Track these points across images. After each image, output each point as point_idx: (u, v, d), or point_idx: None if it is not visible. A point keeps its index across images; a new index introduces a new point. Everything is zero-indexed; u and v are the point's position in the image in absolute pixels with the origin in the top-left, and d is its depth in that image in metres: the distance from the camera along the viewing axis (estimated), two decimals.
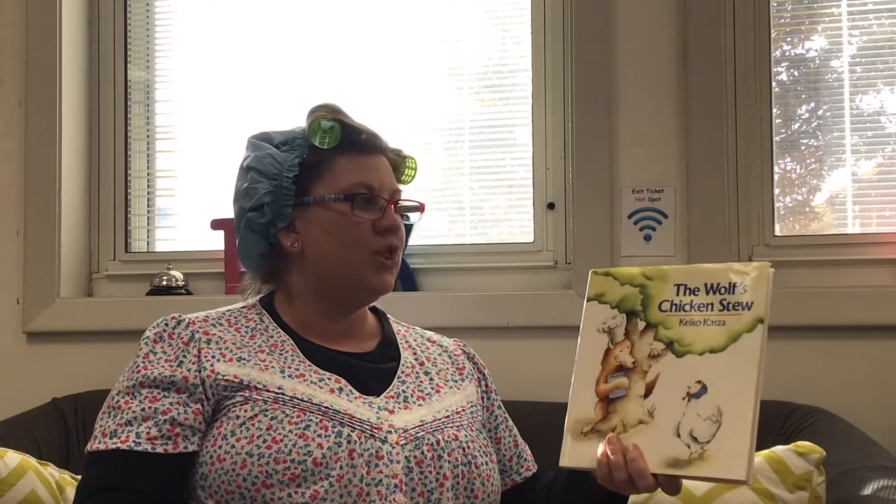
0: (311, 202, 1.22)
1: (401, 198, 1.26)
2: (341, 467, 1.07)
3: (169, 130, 2.47)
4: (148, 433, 1.09)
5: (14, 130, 2.33)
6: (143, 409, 1.10)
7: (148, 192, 2.47)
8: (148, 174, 2.47)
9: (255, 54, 2.40)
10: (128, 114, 2.45)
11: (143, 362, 1.15)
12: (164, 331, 1.17)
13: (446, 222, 2.32)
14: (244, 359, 1.16)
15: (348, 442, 1.09)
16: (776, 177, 2.14)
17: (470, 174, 2.32)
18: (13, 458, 1.61)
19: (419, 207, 1.30)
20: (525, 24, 2.27)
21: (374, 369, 1.22)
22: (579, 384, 1.10)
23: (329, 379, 1.16)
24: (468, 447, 1.18)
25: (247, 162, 1.25)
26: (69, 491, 1.65)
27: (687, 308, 1.07)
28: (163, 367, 1.14)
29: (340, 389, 1.16)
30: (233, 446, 1.08)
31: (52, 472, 1.67)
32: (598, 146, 2.11)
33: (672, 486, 1.04)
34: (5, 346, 2.31)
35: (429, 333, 1.38)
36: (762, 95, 2.13)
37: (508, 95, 2.31)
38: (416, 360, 1.28)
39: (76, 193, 2.37)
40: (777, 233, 2.13)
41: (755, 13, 2.14)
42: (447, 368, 1.30)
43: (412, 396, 1.21)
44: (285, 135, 1.26)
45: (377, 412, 1.15)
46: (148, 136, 2.47)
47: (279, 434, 1.07)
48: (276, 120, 1.39)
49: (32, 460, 1.65)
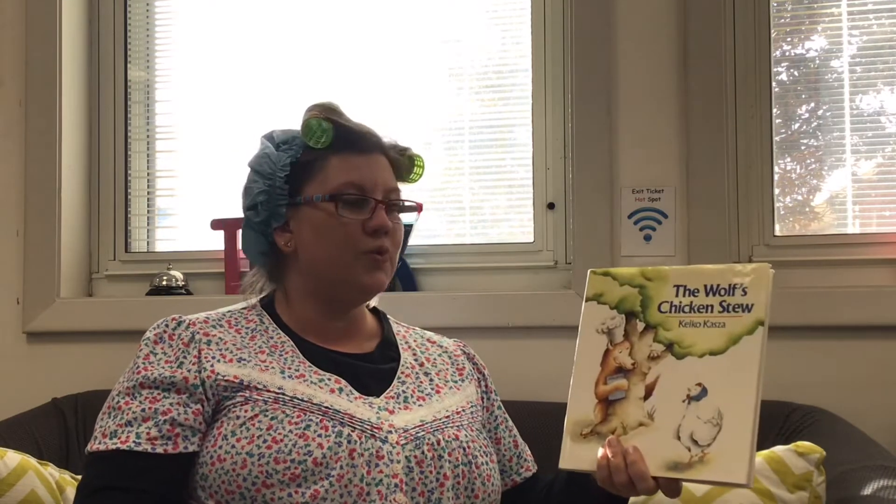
0: (302, 202, 1.22)
1: (398, 198, 1.25)
2: (341, 467, 1.07)
3: (169, 130, 2.47)
4: (148, 433, 1.09)
5: (14, 130, 2.33)
6: (143, 410, 1.10)
7: (148, 192, 2.47)
8: (148, 174, 2.47)
9: (255, 54, 2.40)
10: (128, 114, 2.45)
11: (144, 363, 1.15)
12: (165, 332, 1.17)
13: (446, 222, 2.32)
14: (244, 359, 1.16)
15: (348, 442, 1.09)
16: (776, 177, 2.14)
17: (470, 174, 2.32)
18: (13, 458, 1.61)
19: (416, 207, 1.28)
20: (525, 24, 2.27)
21: (373, 370, 1.22)
22: (578, 386, 1.10)
23: (329, 379, 1.16)
24: (468, 447, 1.18)
25: (250, 160, 1.27)
26: (69, 491, 1.65)
27: (687, 309, 1.06)
28: (163, 367, 1.14)
29: (340, 390, 1.16)
30: (233, 446, 1.08)
31: (52, 472, 1.67)
32: (598, 146, 2.11)
33: (672, 488, 1.04)
34: (5, 346, 2.31)
35: (429, 334, 1.38)
36: (762, 95, 2.13)
37: (508, 95, 2.31)
38: (415, 360, 1.28)
39: (76, 193, 2.37)
40: (777, 233, 2.13)
41: (755, 13, 2.14)
42: (447, 369, 1.30)
43: (412, 397, 1.21)
44: (287, 134, 1.26)
45: (377, 412, 1.15)
46: (148, 136, 2.47)
47: (279, 434, 1.07)
48: (275, 120, 1.38)
49: (32, 460, 1.65)
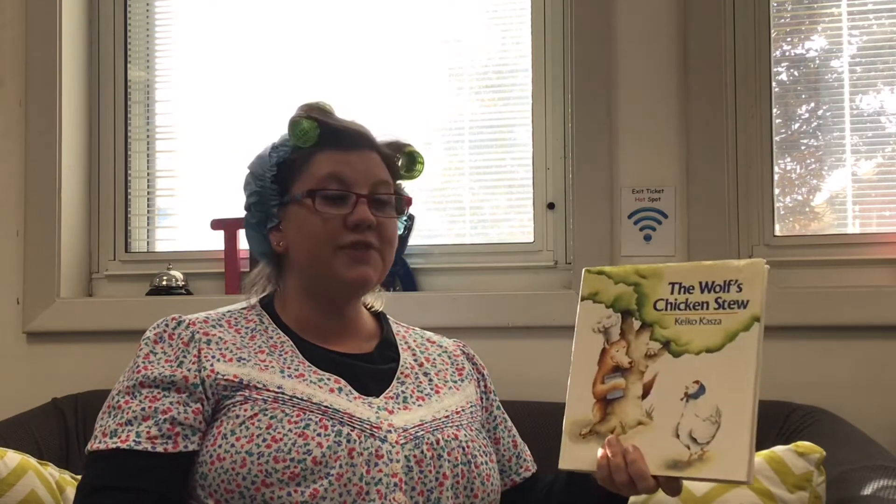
0: (289, 201, 1.22)
1: (384, 192, 1.23)
2: (341, 466, 1.07)
3: (169, 130, 2.47)
4: (148, 432, 1.09)
5: (14, 130, 2.33)
6: (143, 409, 1.11)
7: (148, 192, 2.47)
8: (148, 174, 2.47)
9: (255, 54, 2.40)
10: (128, 114, 2.45)
11: (144, 362, 1.15)
12: (165, 331, 1.18)
13: (446, 222, 2.32)
14: (244, 359, 1.16)
15: (348, 441, 1.09)
16: (776, 177, 2.14)
17: (470, 174, 2.32)
18: (13, 458, 1.61)
19: (403, 202, 1.26)
20: (525, 24, 2.27)
21: (373, 370, 1.22)
22: (576, 385, 1.10)
23: (328, 379, 1.17)
24: (468, 447, 1.18)
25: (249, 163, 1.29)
26: (69, 491, 1.65)
27: (682, 307, 1.06)
28: (163, 367, 1.14)
29: (340, 390, 1.16)
30: (232, 445, 1.08)
31: (52, 472, 1.67)
32: (598, 146, 2.11)
33: (672, 487, 1.04)
34: (5, 346, 2.31)
35: (428, 334, 1.38)
36: (762, 95, 2.13)
37: (508, 95, 2.31)
38: (415, 360, 1.28)
39: (76, 193, 2.37)
40: (777, 233, 2.13)
41: (755, 13, 2.14)
42: (446, 369, 1.30)
43: (411, 397, 1.21)
44: (283, 136, 1.26)
45: (377, 412, 1.15)
46: (148, 136, 2.47)
47: (279, 433, 1.07)
48: (275, 120, 1.38)
49: (32, 460, 1.65)
